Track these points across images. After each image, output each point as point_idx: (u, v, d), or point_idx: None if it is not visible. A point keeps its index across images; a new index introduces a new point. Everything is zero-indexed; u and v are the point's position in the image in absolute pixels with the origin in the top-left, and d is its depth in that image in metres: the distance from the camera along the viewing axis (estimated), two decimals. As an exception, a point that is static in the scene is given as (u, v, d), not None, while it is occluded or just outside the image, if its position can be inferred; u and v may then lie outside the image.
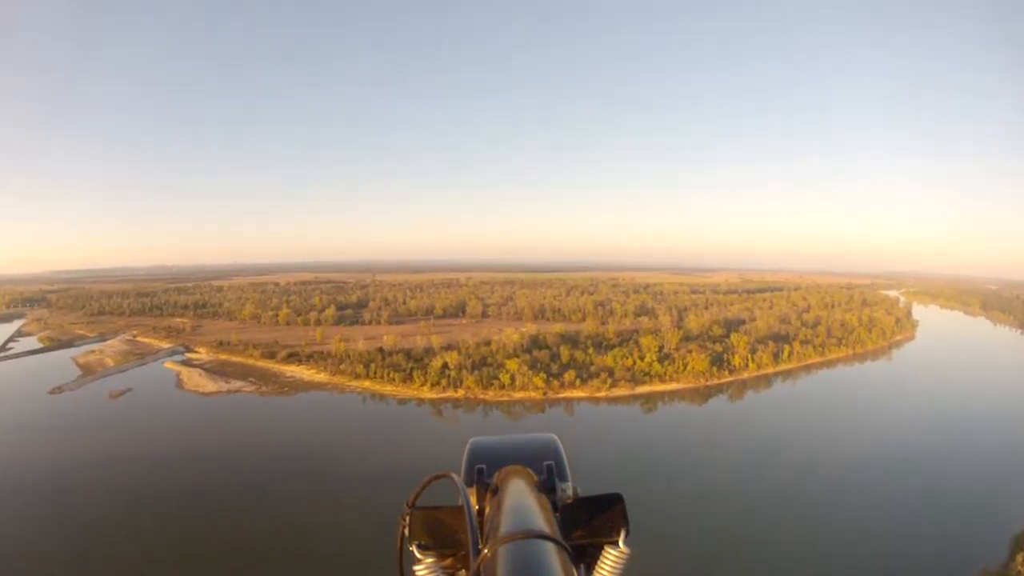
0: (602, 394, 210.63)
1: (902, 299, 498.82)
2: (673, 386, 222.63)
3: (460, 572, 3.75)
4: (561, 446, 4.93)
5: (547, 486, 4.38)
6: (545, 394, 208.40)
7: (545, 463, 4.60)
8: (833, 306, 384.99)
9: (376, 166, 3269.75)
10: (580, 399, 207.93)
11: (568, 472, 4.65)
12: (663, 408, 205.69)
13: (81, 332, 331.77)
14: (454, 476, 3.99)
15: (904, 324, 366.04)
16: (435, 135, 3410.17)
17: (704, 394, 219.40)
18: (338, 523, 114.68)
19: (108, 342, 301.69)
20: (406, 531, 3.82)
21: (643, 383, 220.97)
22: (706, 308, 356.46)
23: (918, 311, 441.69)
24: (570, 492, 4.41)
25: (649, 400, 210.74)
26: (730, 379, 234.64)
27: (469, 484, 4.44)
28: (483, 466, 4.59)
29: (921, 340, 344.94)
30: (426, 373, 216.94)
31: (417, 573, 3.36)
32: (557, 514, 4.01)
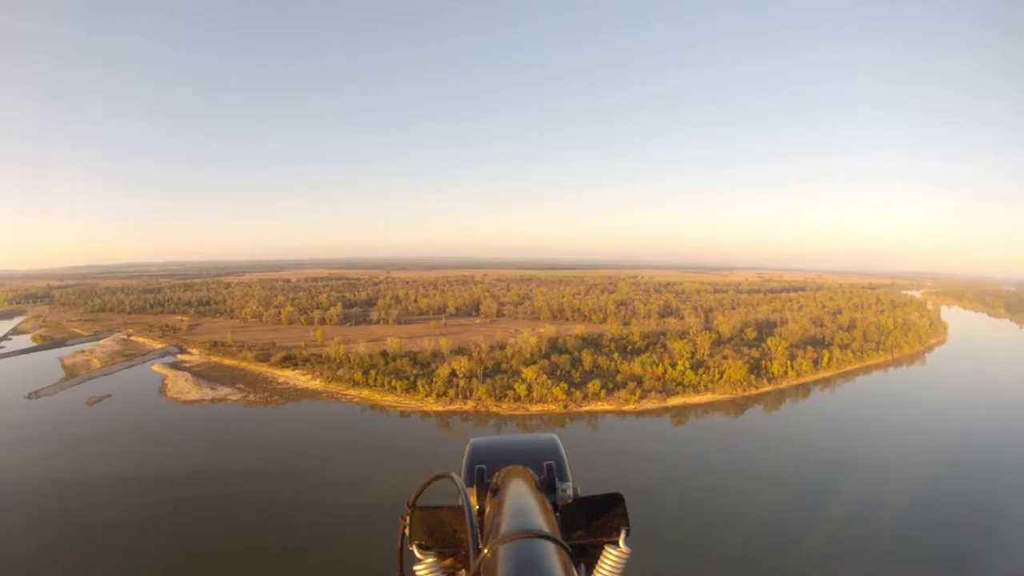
0: (630, 407, 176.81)
1: (929, 301, 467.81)
2: (708, 397, 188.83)
3: (460, 572, 3.73)
4: (561, 446, 4.94)
5: (547, 486, 4.31)
6: (566, 407, 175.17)
7: (545, 463, 4.54)
8: (863, 308, 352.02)
9: (394, 164, 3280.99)
10: (605, 413, 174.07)
11: (568, 472, 4.59)
12: (701, 423, 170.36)
13: (76, 330, 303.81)
14: (454, 476, 3.89)
15: (936, 327, 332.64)
16: (453, 133, 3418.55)
17: (742, 406, 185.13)
18: None
19: (100, 341, 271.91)
20: (406, 531, 3.80)
21: (675, 394, 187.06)
22: (732, 308, 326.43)
23: (944, 313, 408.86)
24: (570, 492, 4.32)
25: (681, 414, 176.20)
26: (769, 388, 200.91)
27: (469, 484, 4.40)
28: (483, 466, 4.54)
29: (956, 344, 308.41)
30: (432, 382, 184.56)
31: (417, 573, 3.31)
32: (557, 514, 4.02)
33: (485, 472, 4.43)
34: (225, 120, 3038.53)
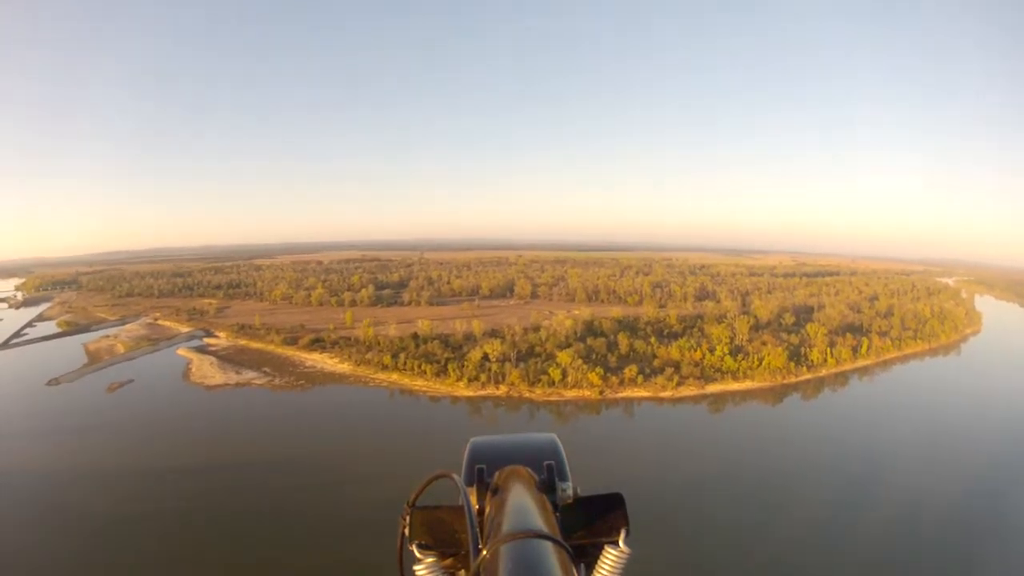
0: (667, 394, 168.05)
1: (962, 289, 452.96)
2: (747, 384, 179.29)
3: (460, 572, 3.70)
4: (561, 446, 4.85)
5: (547, 486, 4.25)
6: (601, 393, 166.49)
7: (545, 463, 4.45)
8: (899, 294, 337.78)
9: (430, 145, 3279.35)
10: (642, 399, 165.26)
11: (568, 472, 4.51)
12: (742, 413, 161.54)
13: (103, 315, 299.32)
14: (454, 476, 3.91)
15: (971, 316, 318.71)
16: (488, 115, 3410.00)
17: (781, 395, 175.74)
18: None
19: (126, 326, 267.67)
20: (406, 530, 3.78)
21: (713, 381, 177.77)
22: (769, 292, 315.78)
23: (977, 302, 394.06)
24: (570, 492, 4.27)
25: (719, 402, 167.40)
26: (808, 376, 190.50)
27: (469, 484, 4.33)
28: (483, 466, 4.46)
29: (991, 334, 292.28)
30: (463, 365, 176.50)
31: (417, 572, 3.29)
32: (557, 514, 3.99)
33: (485, 472, 4.36)
34: (258, 107, 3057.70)
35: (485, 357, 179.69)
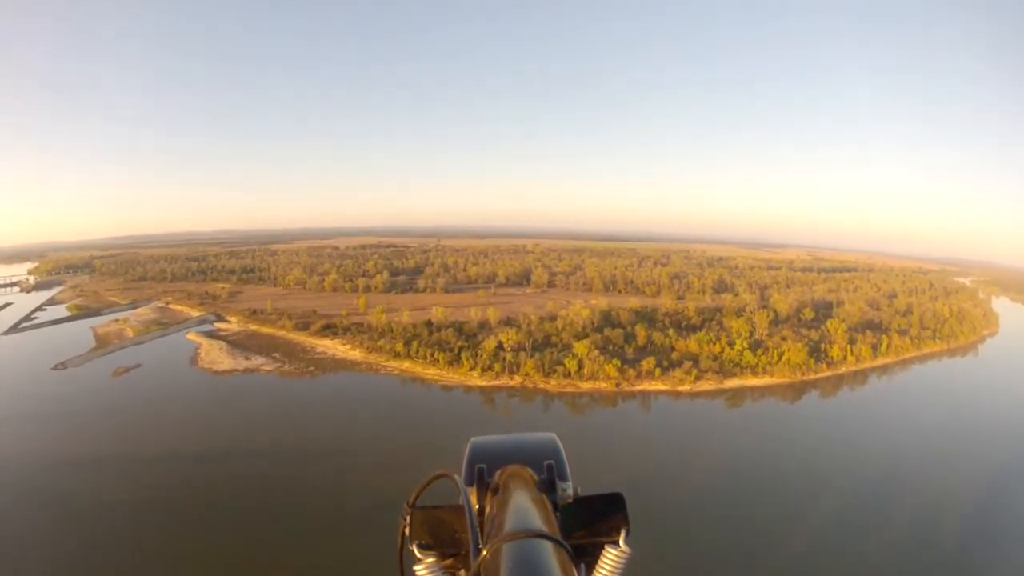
0: (685, 388, 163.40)
1: (980, 289, 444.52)
2: (766, 380, 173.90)
3: (460, 572, 3.69)
4: (561, 445, 4.77)
5: (547, 486, 4.23)
6: (618, 385, 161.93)
7: (545, 462, 4.43)
8: (917, 292, 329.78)
9: (448, 132, 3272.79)
10: (659, 393, 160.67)
11: (568, 472, 4.46)
12: (761, 409, 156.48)
13: (114, 299, 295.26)
14: (455, 476, 3.92)
15: (988, 317, 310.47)
16: (506, 102, 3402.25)
17: (800, 391, 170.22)
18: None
19: (137, 310, 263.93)
20: (406, 530, 3.75)
21: (732, 376, 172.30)
22: (787, 286, 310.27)
23: (993, 303, 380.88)
24: (570, 491, 4.25)
25: (738, 397, 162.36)
26: (827, 373, 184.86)
27: (469, 484, 4.32)
28: (483, 466, 4.44)
29: (1009, 338, 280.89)
30: (477, 354, 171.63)
31: (417, 572, 3.28)
32: (557, 513, 3.98)
33: (485, 471, 4.34)
34: (276, 90, 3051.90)
35: (500, 346, 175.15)
